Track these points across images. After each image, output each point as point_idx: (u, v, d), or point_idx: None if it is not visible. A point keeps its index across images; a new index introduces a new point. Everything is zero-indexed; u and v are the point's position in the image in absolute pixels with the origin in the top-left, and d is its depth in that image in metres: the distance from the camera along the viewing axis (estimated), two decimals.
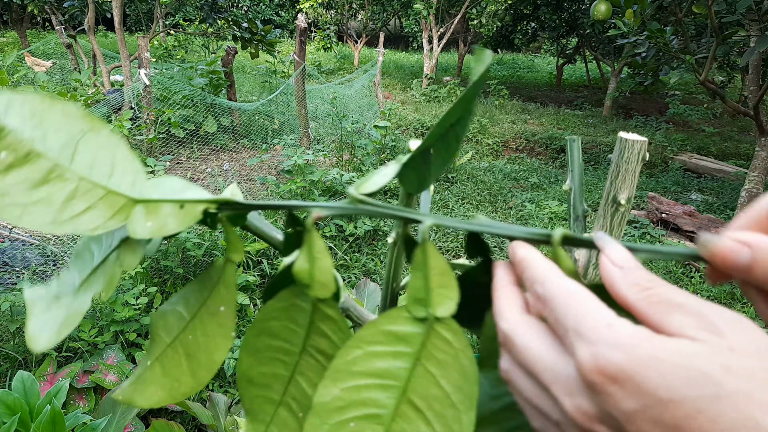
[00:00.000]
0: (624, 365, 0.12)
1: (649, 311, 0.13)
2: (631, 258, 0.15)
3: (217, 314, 0.17)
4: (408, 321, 0.16)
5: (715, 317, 0.12)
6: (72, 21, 4.24)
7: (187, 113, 2.84)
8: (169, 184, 0.16)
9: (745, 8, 1.76)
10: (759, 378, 0.11)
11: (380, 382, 0.16)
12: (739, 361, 0.12)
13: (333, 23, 7.20)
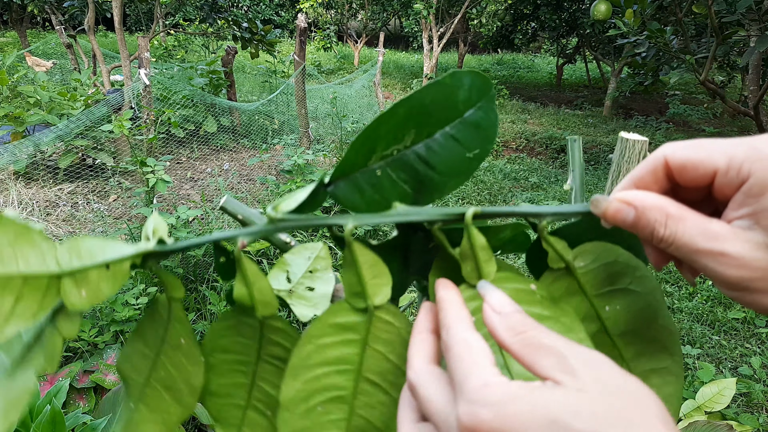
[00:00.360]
0: (492, 424, 0.13)
1: (523, 353, 0.15)
2: (509, 303, 0.16)
3: (180, 347, 0.18)
4: (350, 312, 0.17)
5: (573, 358, 0.14)
6: (72, 21, 4.24)
7: (187, 113, 2.84)
8: (84, 246, 0.16)
9: (745, 8, 1.75)
10: (602, 418, 0.12)
11: (336, 368, 0.17)
12: (587, 404, 0.13)
13: (333, 23, 7.20)
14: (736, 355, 1.46)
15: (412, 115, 0.17)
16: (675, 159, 0.16)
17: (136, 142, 2.21)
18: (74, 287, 0.15)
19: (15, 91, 2.53)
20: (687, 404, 0.98)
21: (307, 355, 0.17)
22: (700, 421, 0.86)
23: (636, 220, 0.15)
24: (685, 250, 0.15)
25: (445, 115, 0.17)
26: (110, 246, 0.16)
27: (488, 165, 3.20)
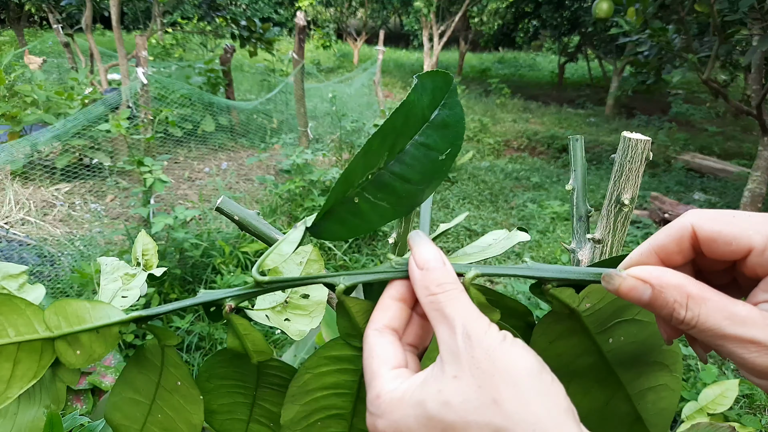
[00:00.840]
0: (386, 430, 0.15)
1: (430, 315, 0.16)
2: (434, 258, 0.16)
3: (177, 389, 0.18)
4: (346, 347, 0.18)
5: (461, 335, 0.14)
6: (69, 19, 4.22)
7: (185, 112, 2.83)
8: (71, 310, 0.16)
9: (747, 7, 1.74)
10: (472, 405, 0.13)
11: (334, 392, 0.18)
12: (458, 392, 0.13)
13: (332, 21, 7.17)
14: None
15: (385, 141, 0.17)
16: (704, 231, 0.15)
17: (133, 141, 2.20)
18: (68, 348, 0.16)
19: (12, 90, 2.51)
20: (689, 406, 0.97)
21: (305, 382, 0.18)
22: (702, 423, 0.86)
23: (653, 300, 0.15)
24: (709, 334, 0.14)
25: (414, 126, 0.18)
26: (98, 310, 0.17)
27: (490, 165, 3.19)
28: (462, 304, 0.15)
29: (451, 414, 0.13)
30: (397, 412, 0.14)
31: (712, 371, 1.25)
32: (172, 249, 1.49)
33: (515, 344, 0.14)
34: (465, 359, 0.14)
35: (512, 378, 0.13)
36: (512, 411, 0.13)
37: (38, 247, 1.68)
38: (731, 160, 3.46)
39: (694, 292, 0.14)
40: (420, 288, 0.16)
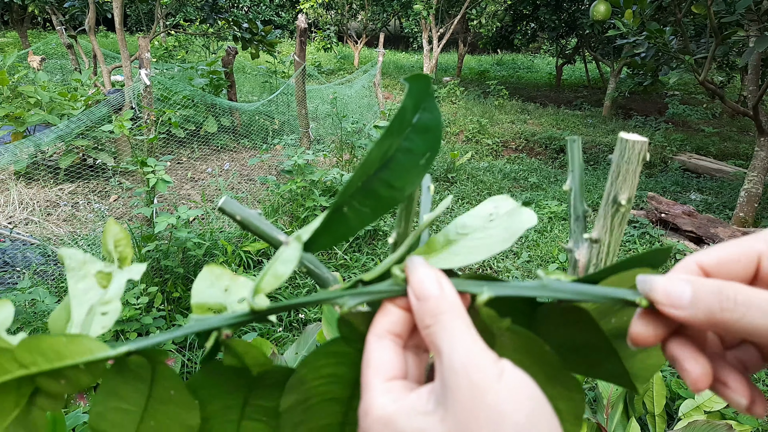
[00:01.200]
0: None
1: (428, 344, 0.15)
2: (429, 287, 0.15)
3: (171, 399, 0.17)
4: (344, 345, 0.18)
5: (449, 371, 0.13)
6: (73, 21, 4.25)
7: (188, 113, 2.84)
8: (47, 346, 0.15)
9: (744, 8, 1.76)
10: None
11: (331, 380, 0.18)
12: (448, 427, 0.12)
13: (333, 24, 7.20)
14: None
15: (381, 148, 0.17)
16: (709, 260, 0.14)
17: (136, 142, 2.22)
18: (52, 380, 0.15)
19: (15, 91, 2.53)
20: (686, 404, 0.98)
21: (303, 375, 0.18)
22: (699, 421, 0.87)
23: (693, 299, 0.13)
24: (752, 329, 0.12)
25: (402, 130, 0.17)
26: (77, 345, 0.15)
27: (488, 165, 3.20)
28: (453, 331, 0.14)
29: None
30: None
31: None
32: (175, 248, 1.50)
33: (511, 382, 0.13)
34: (451, 398, 0.13)
35: (497, 428, 0.12)
36: None
37: (42, 246, 1.69)
38: (728, 161, 3.47)
39: (739, 290, 0.13)
40: (418, 320, 0.15)
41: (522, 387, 0.13)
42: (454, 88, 5.19)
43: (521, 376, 0.13)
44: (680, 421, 0.95)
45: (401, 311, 0.16)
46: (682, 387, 1.18)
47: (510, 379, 0.13)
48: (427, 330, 0.15)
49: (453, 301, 0.15)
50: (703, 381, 0.14)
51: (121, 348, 0.16)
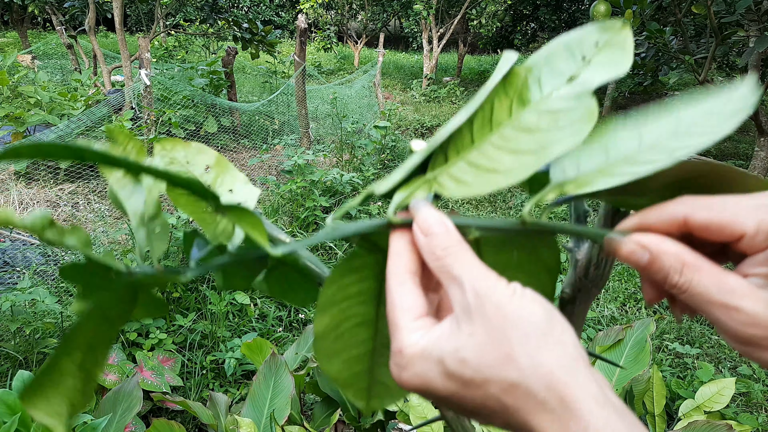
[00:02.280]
0: (410, 382, 0.15)
1: (440, 278, 0.16)
2: (437, 223, 0.17)
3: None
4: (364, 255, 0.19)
5: (471, 293, 0.15)
6: (73, 21, 4.25)
7: (188, 113, 2.84)
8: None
9: (744, 8, 1.76)
10: (486, 361, 0.14)
11: (358, 300, 0.19)
12: (474, 349, 0.14)
13: (333, 24, 7.20)
14: (736, 354, 1.47)
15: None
16: (697, 220, 0.16)
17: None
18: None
19: (15, 91, 2.53)
20: (686, 404, 0.98)
21: (332, 294, 0.19)
22: (699, 421, 0.87)
23: (649, 264, 0.15)
24: (698, 299, 0.15)
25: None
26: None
27: None
28: (469, 263, 0.15)
29: (469, 371, 0.14)
30: (419, 365, 0.15)
31: (708, 369, 1.25)
32: (175, 248, 1.50)
33: (524, 296, 0.15)
34: (477, 315, 0.14)
35: (523, 331, 0.14)
36: (525, 365, 0.13)
37: (42, 246, 1.69)
38: (727, 161, 3.48)
39: (690, 261, 0.15)
40: (427, 253, 0.16)
41: (533, 298, 0.15)
42: (455, 89, 5.18)
43: (530, 292, 0.15)
44: (680, 421, 0.95)
45: (410, 248, 0.17)
46: (682, 387, 1.18)
47: (523, 294, 0.15)
48: (440, 261, 0.16)
49: (459, 236, 0.16)
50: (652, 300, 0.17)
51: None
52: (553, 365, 0.14)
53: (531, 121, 0.19)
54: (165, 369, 1.12)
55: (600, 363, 0.96)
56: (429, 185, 0.19)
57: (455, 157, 0.19)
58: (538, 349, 0.14)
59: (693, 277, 0.15)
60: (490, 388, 0.14)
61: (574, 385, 0.13)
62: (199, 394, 1.17)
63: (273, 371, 0.92)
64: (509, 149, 0.19)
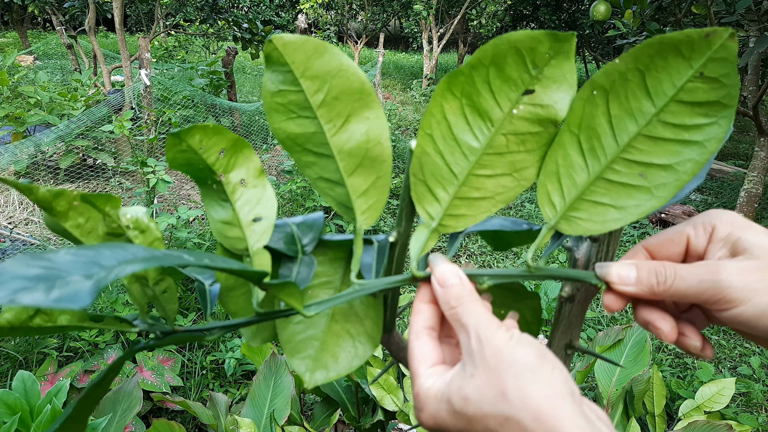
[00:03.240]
0: (428, 422, 0.18)
1: (452, 325, 0.19)
2: (452, 276, 0.19)
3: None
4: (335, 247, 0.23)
5: (474, 339, 0.17)
6: (73, 21, 4.24)
7: (188, 114, 2.85)
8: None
9: (744, 9, 1.76)
10: (486, 399, 0.16)
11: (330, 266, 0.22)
12: (475, 388, 0.16)
13: (333, 24, 7.21)
14: (735, 354, 1.46)
15: None
16: (652, 243, 0.19)
17: (136, 142, 2.22)
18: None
19: (16, 91, 2.53)
20: (686, 404, 0.98)
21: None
22: (699, 421, 0.86)
23: (638, 281, 0.18)
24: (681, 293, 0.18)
25: None
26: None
27: None
28: (475, 312, 0.18)
29: (471, 408, 0.16)
30: (433, 406, 0.17)
31: (708, 369, 1.25)
32: (175, 249, 1.50)
33: (520, 341, 0.17)
34: (478, 359, 0.17)
35: (515, 371, 0.16)
36: (516, 401, 0.15)
37: (42, 246, 1.69)
38: (727, 161, 3.47)
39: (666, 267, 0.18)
40: (442, 303, 0.19)
41: (528, 342, 0.17)
42: None
43: (526, 336, 0.17)
44: (680, 421, 0.95)
45: (429, 306, 0.20)
46: (682, 387, 1.18)
47: (519, 339, 0.17)
48: (453, 310, 0.19)
49: (470, 288, 0.19)
50: (673, 334, 0.19)
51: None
52: (541, 399, 0.15)
53: (501, 144, 0.19)
54: (165, 369, 1.11)
55: (600, 363, 0.96)
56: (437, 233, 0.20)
57: (443, 192, 0.20)
58: (527, 387, 0.16)
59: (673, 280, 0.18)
60: (489, 423, 0.16)
61: (561, 417, 0.15)
62: (199, 394, 1.17)
63: (273, 371, 0.91)
64: (487, 174, 0.19)
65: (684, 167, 0.18)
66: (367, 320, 0.22)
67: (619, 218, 0.19)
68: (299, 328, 0.21)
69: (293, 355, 0.21)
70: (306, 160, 0.21)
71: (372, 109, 0.21)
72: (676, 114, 0.18)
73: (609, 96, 0.18)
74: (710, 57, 0.17)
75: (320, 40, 0.20)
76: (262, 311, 0.20)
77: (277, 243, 0.22)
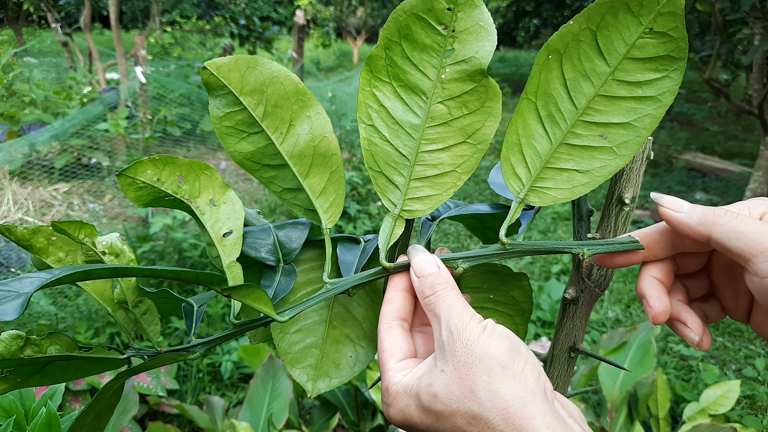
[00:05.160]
0: (396, 417, 0.17)
1: (427, 313, 0.18)
2: (430, 265, 0.19)
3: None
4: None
5: (445, 331, 0.17)
6: (68, 18, 4.20)
7: (184, 111, 2.82)
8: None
9: (749, 6, 1.73)
10: (454, 394, 0.16)
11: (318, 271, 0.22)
12: (444, 384, 0.16)
13: (332, 20, 7.15)
14: (741, 357, 1.45)
15: None
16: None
17: (132, 141, 2.19)
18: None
19: (10, 89, 2.50)
20: (691, 407, 0.97)
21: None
22: (704, 424, 0.85)
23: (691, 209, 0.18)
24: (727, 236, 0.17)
25: None
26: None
27: (490, 164, 3.18)
28: (448, 302, 0.17)
29: (439, 404, 0.16)
30: (401, 401, 0.17)
31: (713, 372, 1.24)
32: (170, 249, 1.48)
33: (492, 334, 0.16)
34: (449, 353, 0.16)
35: (486, 368, 0.15)
36: (485, 399, 0.15)
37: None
38: (733, 160, 3.45)
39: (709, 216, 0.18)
40: (419, 293, 0.18)
41: (501, 334, 0.16)
42: None
43: (501, 328, 0.17)
44: (684, 424, 0.94)
45: (403, 294, 0.19)
46: (686, 390, 1.17)
47: (492, 332, 0.16)
48: (427, 299, 0.18)
49: (446, 276, 0.19)
50: (663, 316, 0.18)
51: None
52: (510, 399, 0.15)
53: (442, 112, 0.18)
54: (161, 372, 1.10)
55: (604, 365, 0.95)
56: (401, 219, 0.20)
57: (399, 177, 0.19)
58: (497, 385, 0.15)
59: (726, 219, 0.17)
60: (457, 421, 0.15)
61: (531, 417, 0.14)
62: (195, 398, 1.15)
63: (271, 375, 0.90)
64: (439, 148, 0.19)
65: (642, 123, 0.18)
66: (366, 323, 0.22)
67: (587, 182, 0.18)
68: (297, 337, 0.21)
69: (293, 366, 0.21)
70: (267, 176, 0.21)
71: (311, 107, 0.21)
72: (630, 71, 0.18)
73: (563, 59, 0.18)
74: (659, 12, 0.17)
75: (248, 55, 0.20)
76: (238, 322, 0.20)
77: (258, 253, 0.22)
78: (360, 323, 0.22)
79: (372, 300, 0.22)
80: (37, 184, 2.19)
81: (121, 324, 0.20)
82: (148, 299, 0.21)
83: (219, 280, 0.18)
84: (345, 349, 0.21)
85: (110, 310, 0.20)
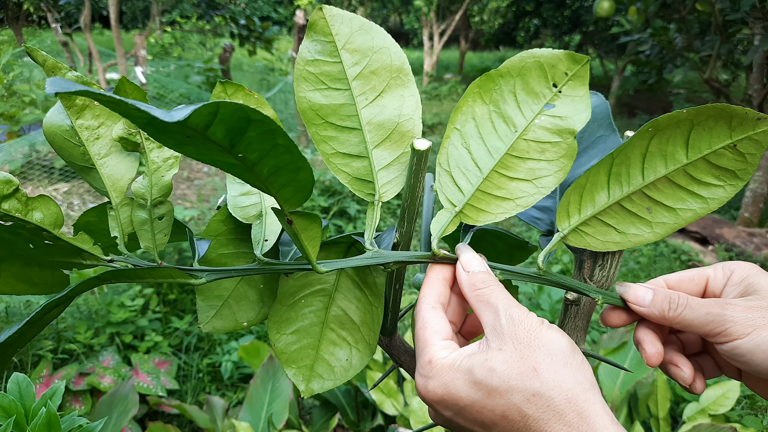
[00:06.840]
0: (437, 390, 0.17)
1: (475, 306, 0.19)
2: (478, 264, 0.20)
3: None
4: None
5: (504, 317, 0.18)
6: (68, 18, 4.21)
7: None
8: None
9: (749, 6, 1.73)
10: (513, 372, 0.16)
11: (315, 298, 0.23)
12: (502, 361, 0.16)
13: None
14: None
15: None
16: (673, 279, 0.21)
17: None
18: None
19: (10, 89, 2.50)
20: (691, 407, 0.97)
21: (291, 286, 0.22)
22: (704, 424, 0.85)
23: (651, 303, 0.20)
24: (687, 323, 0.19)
25: None
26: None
27: None
28: (504, 295, 0.19)
29: (495, 379, 0.16)
30: (447, 375, 0.17)
31: None
32: (170, 249, 1.48)
33: (552, 328, 0.17)
34: (508, 335, 0.17)
35: (550, 352, 0.16)
36: (549, 378, 0.16)
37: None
38: None
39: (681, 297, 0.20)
40: (467, 286, 0.20)
41: (559, 331, 0.18)
42: (456, 86, 5.15)
43: (556, 327, 0.18)
44: (684, 424, 0.94)
45: (443, 283, 0.21)
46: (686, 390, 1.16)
47: (549, 326, 0.18)
48: (479, 291, 0.19)
49: (494, 276, 0.20)
50: (656, 357, 0.20)
51: None
52: (573, 383, 0.16)
53: (523, 148, 0.21)
54: (161, 372, 1.10)
55: (605, 366, 0.95)
56: (458, 218, 0.22)
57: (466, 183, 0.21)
58: (561, 368, 0.16)
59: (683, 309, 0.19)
60: (514, 397, 0.16)
61: (592, 402, 0.15)
62: (195, 398, 1.16)
63: (271, 375, 0.90)
64: (509, 176, 0.21)
65: (685, 214, 0.20)
66: (364, 327, 0.23)
67: (619, 242, 0.21)
68: (293, 338, 0.21)
69: (289, 366, 0.21)
70: (324, 134, 0.21)
71: (407, 88, 0.22)
72: (699, 169, 0.20)
73: (656, 134, 0.20)
74: (749, 136, 0.19)
75: (365, 19, 0.21)
76: (266, 260, 0.20)
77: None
78: (358, 327, 0.22)
79: (371, 304, 0.23)
80: (37, 184, 2.19)
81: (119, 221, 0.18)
82: (170, 203, 0.21)
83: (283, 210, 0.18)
84: (341, 352, 0.22)
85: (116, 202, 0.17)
